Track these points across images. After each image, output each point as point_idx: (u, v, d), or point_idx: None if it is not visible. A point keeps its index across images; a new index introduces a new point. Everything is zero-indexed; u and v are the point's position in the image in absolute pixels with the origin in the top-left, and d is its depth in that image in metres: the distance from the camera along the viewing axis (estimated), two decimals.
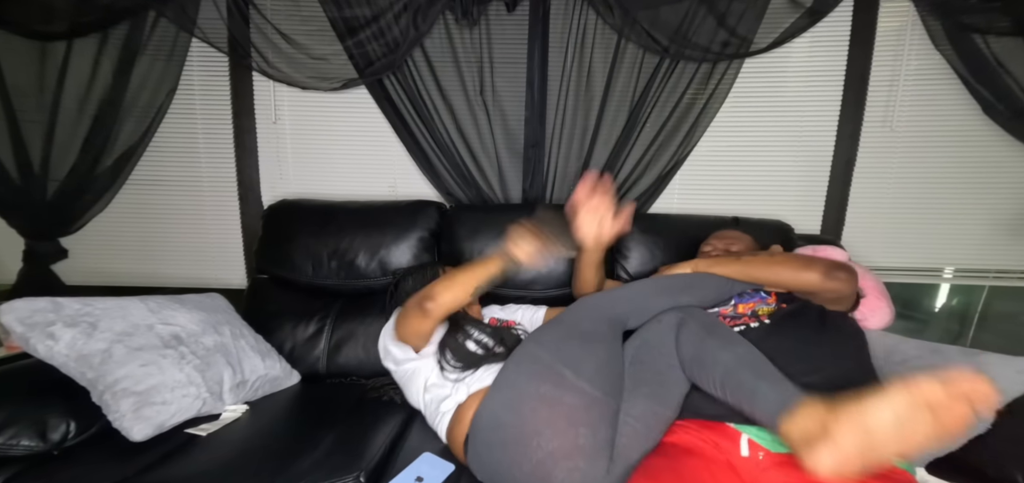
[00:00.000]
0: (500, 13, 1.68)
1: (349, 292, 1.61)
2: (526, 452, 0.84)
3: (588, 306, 1.03)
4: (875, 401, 0.62)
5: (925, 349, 1.08)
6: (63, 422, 1.05)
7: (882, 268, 1.72)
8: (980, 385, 0.58)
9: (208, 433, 1.12)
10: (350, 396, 1.34)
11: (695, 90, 1.68)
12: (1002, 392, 0.94)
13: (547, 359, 0.91)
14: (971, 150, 1.68)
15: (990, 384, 0.58)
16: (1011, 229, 1.70)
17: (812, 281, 0.99)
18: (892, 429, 0.60)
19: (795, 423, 0.68)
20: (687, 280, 1.06)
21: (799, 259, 1.04)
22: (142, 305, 1.22)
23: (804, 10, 1.59)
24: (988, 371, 0.96)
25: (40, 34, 1.70)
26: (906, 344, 1.12)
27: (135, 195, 1.86)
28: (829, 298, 1.01)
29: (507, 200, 1.78)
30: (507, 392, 0.91)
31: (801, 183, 1.77)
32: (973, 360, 1.00)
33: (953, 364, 1.01)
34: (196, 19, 1.69)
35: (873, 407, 0.62)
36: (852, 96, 1.69)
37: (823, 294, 1.00)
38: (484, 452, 0.91)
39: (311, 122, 1.84)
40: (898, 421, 0.60)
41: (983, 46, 1.55)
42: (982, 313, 1.83)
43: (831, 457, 0.63)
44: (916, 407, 0.60)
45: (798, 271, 1.00)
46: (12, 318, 1.06)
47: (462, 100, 1.73)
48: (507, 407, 0.89)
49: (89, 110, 1.74)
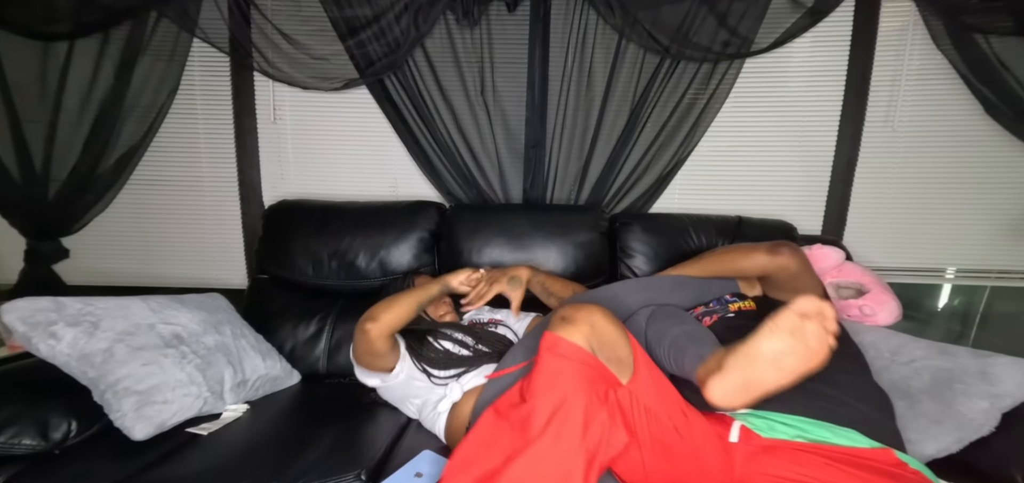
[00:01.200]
0: (501, 13, 1.68)
1: (349, 292, 1.61)
2: None
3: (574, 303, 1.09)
4: (754, 338, 0.72)
5: (933, 349, 1.07)
6: (64, 421, 1.05)
7: (884, 268, 1.71)
8: (820, 305, 0.69)
9: (209, 432, 1.13)
10: (350, 396, 1.34)
11: (696, 90, 1.68)
12: (1010, 395, 0.94)
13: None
14: (973, 150, 1.67)
15: (828, 306, 0.69)
16: (1013, 229, 1.70)
17: (760, 260, 1.09)
18: (768, 358, 0.71)
19: (705, 367, 0.78)
20: (671, 282, 1.18)
21: (744, 246, 1.15)
22: (143, 305, 1.22)
23: (805, 10, 1.58)
24: (998, 373, 0.96)
25: (42, 34, 1.70)
26: (913, 344, 1.11)
27: (136, 195, 1.86)
28: (783, 279, 1.08)
29: (508, 200, 1.78)
30: (506, 378, 0.96)
31: (802, 183, 1.77)
32: (982, 361, 0.99)
33: (962, 364, 1.01)
34: (197, 19, 1.69)
35: (753, 342, 0.72)
36: (853, 96, 1.69)
37: (775, 274, 1.08)
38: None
39: (312, 122, 1.84)
40: (773, 352, 0.71)
41: (985, 46, 1.54)
42: (984, 314, 1.82)
43: (719, 386, 0.73)
44: (782, 334, 0.70)
45: (746, 255, 1.12)
46: (14, 317, 1.06)
47: (463, 100, 1.73)
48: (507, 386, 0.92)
49: (90, 110, 1.75)
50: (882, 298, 1.33)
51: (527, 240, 1.57)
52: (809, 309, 0.69)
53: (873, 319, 1.32)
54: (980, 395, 0.94)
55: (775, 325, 0.71)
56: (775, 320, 0.71)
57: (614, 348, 0.79)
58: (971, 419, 0.93)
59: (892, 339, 1.15)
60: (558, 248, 1.56)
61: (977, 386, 0.96)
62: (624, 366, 0.79)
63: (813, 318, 0.69)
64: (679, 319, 0.98)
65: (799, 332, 0.70)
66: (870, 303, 1.32)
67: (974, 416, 0.93)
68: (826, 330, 0.70)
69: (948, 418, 0.95)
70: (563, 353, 0.75)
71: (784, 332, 0.70)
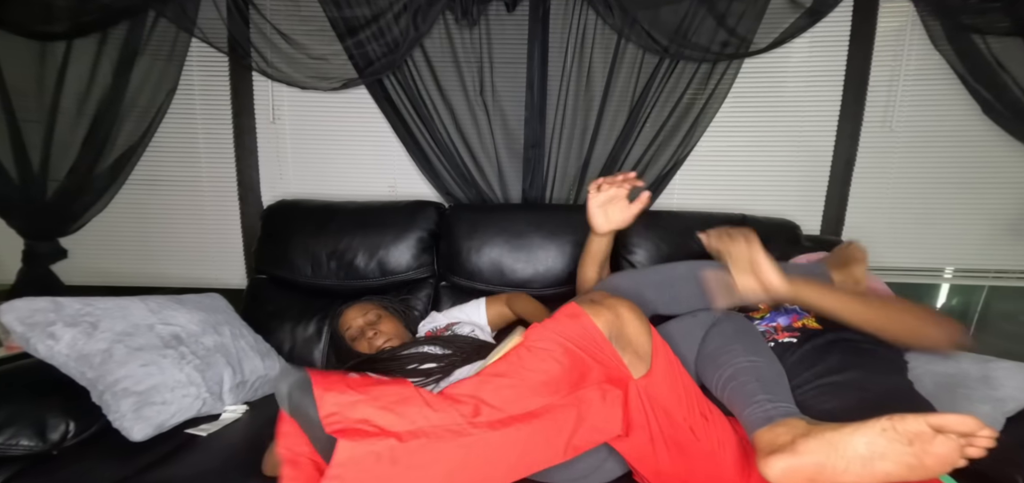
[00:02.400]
0: (500, 13, 1.68)
1: (348, 292, 1.60)
2: None
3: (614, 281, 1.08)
4: (852, 428, 0.60)
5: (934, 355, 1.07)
6: (63, 422, 1.05)
7: (882, 268, 1.72)
8: (981, 426, 0.56)
9: (208, 433, 1.12)
10: None
11: (695, 90, 1.68)
12: (1012, 399, 0.94)
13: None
14: (971, 150, 1.68)
15: (982, 426, 0.57)
16: (1011, 229, 1.70)
17: (934, 341, 0.87)
18: (859, 458, 0.59)
19: (772, 433, 0.67)
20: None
21: (923, 312, 0.90)
22: (142, 305, 1.22)
23: (804, 10, 1.58)
24: (999, 377, 0.96)
25: (40, 34, 1.69)
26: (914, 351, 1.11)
27: (135, 195, 1.85)
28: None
29: (507, 200, 1.78)
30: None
31: (801, 183, 1.77)
32: (984, 366, 0.99)
33: (964, 369, 1.00)
34: (196, 19, 1.69)
35: (849, 433, 0.60)
36: (852, 96, 1.69)
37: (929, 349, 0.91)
38: None
39: (311, 122, 1.84)
40: (872, 453, 0.59)
41: (983, 46, 1.55)
42: (982, 313, 1.83)
43: (783, 465, 0.62)
44: (896, 440, 0.58)
45: (922, 325, 0.87)
46: (12, 318, 1.06)
47: (462, 100, 1.73)
48: None
49: (89, 110, 1.74)
50: None
51: (526, 240, 1.57)
52: (960, 427, 0.56)
53: None
54: (982, 400, 0.95)
55: (892, 426, 0.58)
56: (897, 421, 0.58)
57: (632, 342, 0.79)
58: None
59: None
60: (557, 247, 1.56)
61: (980, 391, 0.96)
62: (640, 361, 0.79)
63: (957, 437, 0.56)
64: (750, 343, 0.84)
65: (921, 445, 0.57)
66: None
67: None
68: (962, 455, 0.57)
69: None
70: (581, 324, 0.76)
71: (901, 439, 0.58)
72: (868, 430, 0.59)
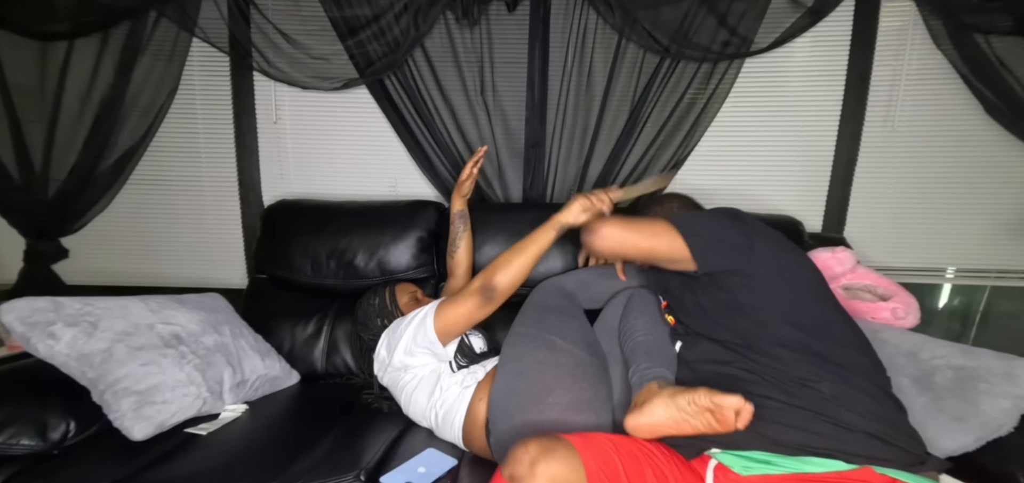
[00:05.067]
0: (500, 13, 1.68)
1: (348, 292, 1.60)
2: (543, 409, 0.95)
3: (546, 288, 1.20)
4: (680, 393, 0.81)
5: (955, 349, 1.07)
6: (63, 421, 1.05)
7: (884, 268, 1.71)
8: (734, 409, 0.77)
9: (208, 432, 1.13)
10: (349, 396, 1.34)
11: (696, 90, 1.68)
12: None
13: (534, 333, 1.05)
14: (972, 150, 1.67)
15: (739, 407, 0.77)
16: (1013, 229, 1.70)
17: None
18: (677, 414, 0.81)
19: (642, 394, 0.88)
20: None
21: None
22: (142, 305, 1.22)
23: (805, 10, 1.58)
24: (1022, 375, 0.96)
25: (41, 34, 1.70)
26: (934, 344, 1.11)
27: (136, 195, 1.86)
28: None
29: (507, 200, 1.78)
30: (513, 364, 1.03)
31: (802, 183, 1.76)
32: (1008, 363, 0.99)
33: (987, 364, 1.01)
34: (197, 19, 1.69)
35: (676, 397, 0.81)
36: (853, 96, 1.69)
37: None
38: (505, 419, 0.98)
39: (312, 122, 1.84)
40: (682, 413, 0.81)
41: (985, 46, 1.54)
42: (984, 313, 1.82)
43: (633, 420, 0.84)
44: (696, 407, 0.79)
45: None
46: (13, 317, 1.06)
47: (462, 100, 1.73)
48: (517, 375, 1.01)
49: (90, 110, 1.75)
50: (908, 301, 1.33)
51: None
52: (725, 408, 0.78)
53: (904, 321, 1.31)
54: (1004, 395, 0.95)
55: (697, 399, 0.80)
56: (700, 397, 0.79)
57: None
58: (993, 418, 0.94)
59: (909, 339, 1.15)
60: (558, 246, 1.55)
61: (1002, 386, 0.96)
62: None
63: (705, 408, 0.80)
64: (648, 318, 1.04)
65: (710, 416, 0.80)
66: (900, 306, 1.32)
67: (996, 415, 0.94)
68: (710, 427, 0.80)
69: (971, 416, 0.96)
70: None
71: (702, 410, 0.80)
72: (686, 397, 0.80)
